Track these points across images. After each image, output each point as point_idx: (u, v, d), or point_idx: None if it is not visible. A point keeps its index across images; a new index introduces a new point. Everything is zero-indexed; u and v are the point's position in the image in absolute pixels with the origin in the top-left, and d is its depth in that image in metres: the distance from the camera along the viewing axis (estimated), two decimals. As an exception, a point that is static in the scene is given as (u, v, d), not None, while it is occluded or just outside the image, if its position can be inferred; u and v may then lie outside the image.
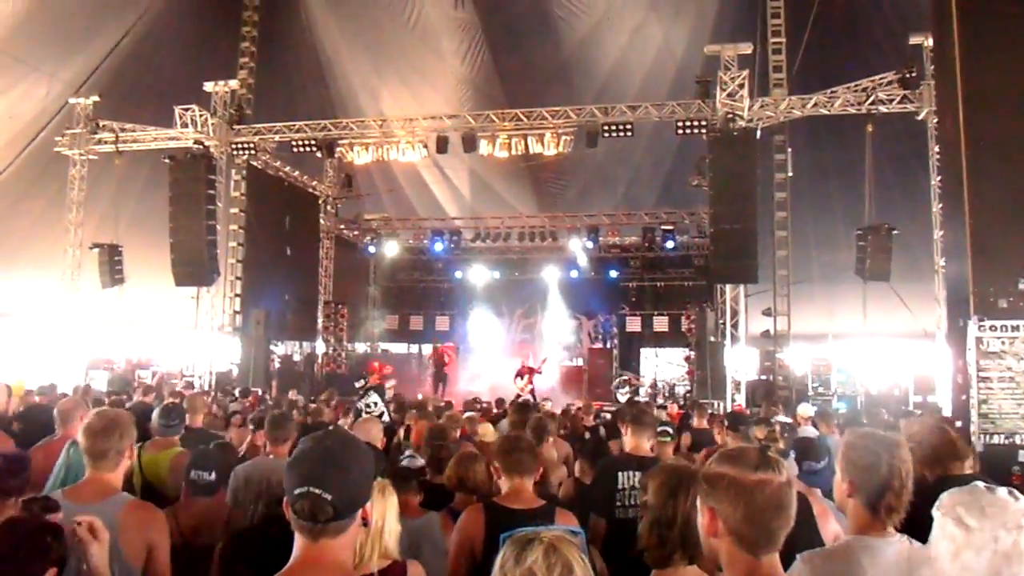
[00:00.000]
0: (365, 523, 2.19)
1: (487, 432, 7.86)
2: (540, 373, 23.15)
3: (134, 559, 3.31)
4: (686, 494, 2.71)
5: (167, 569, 3.46)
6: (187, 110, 19.63)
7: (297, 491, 2.07)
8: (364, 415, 8.16)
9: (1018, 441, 8.12)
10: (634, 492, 4.80)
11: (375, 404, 8.91)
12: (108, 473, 3.48)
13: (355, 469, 2.14)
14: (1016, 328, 9.29)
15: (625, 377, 23.79)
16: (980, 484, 2.15)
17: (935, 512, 2.05)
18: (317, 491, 2.04)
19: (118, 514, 3.32)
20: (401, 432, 8.43)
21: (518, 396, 19.74)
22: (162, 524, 3.47)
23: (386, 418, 8.75)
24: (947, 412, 11.49)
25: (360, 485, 2.16)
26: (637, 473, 4.85)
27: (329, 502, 2.04)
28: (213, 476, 4.79)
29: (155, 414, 6.20)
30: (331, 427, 5.52)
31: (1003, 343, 9.31)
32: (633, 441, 5.23)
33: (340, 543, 2.13)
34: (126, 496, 3.50)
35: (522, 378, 22.47)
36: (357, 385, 15.26)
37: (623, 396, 22.19)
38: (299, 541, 2.13)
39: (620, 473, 4.97)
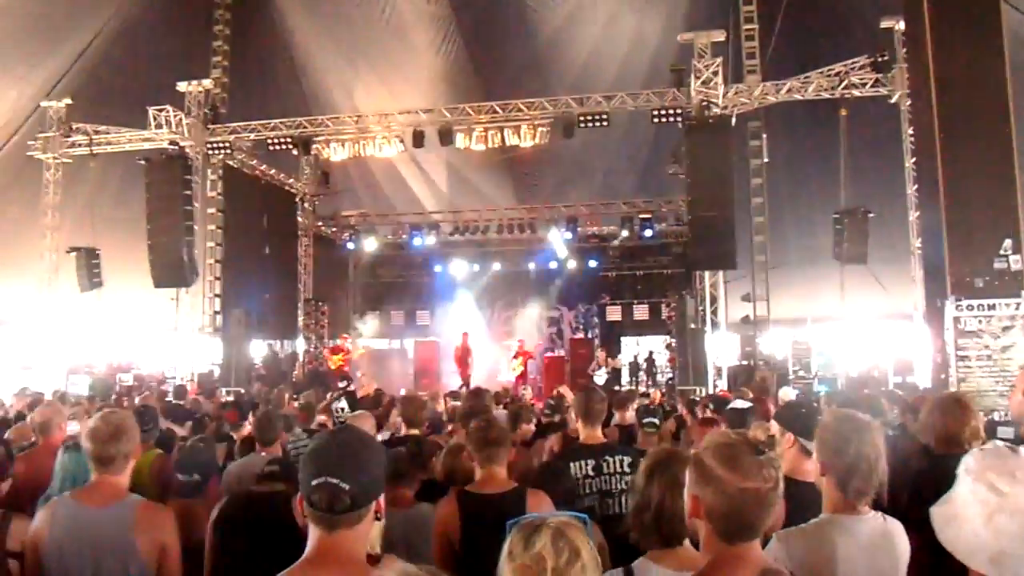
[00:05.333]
0: (378, 517, 2.23)
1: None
2: (533, 358, 23.44)
3: (150, 559, 3.37)
4: (660, 480, 2.76)
5: (179, 568, 3.52)
6: (161, 111, 19.49)
7: (315, 482, 2.10)
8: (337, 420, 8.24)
9: (997, 418, 8.21)
10: (588, 480, 4.84)
11: (342, 411, 8.87)
12: (116, 476, 3.51)
13: (371, 461, 2.20)
14: (992, 307, 9.43)
15: (599, 359, 23.82)
16: (1001, 445, 2.20)
17: (963, 475, 2.09)
18: (335, 481, 2.08)
19: (132, 516, 3.39)
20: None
21: (506, 391, 19.79)
22: (173, 524, 3.52)
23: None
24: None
25: (375, 476, 2.20)
26: (591, 461, 4.89)
27: (347, 492, 2.08)
28: (197, 476, 4.85)
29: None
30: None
31: (980, 322, 9.45)
32: (585, 431, 5.25)
33: (355, 534, 2.16)
34: (137, 498, 3.53)
35: (518, 359, 22.68)
36: (341, 385, 15.21)
37: (601, 378, 22.26)
38: (314, 533, 2.16)
39: (572, 464, 4.99)
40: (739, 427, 5.41)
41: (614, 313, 26.82)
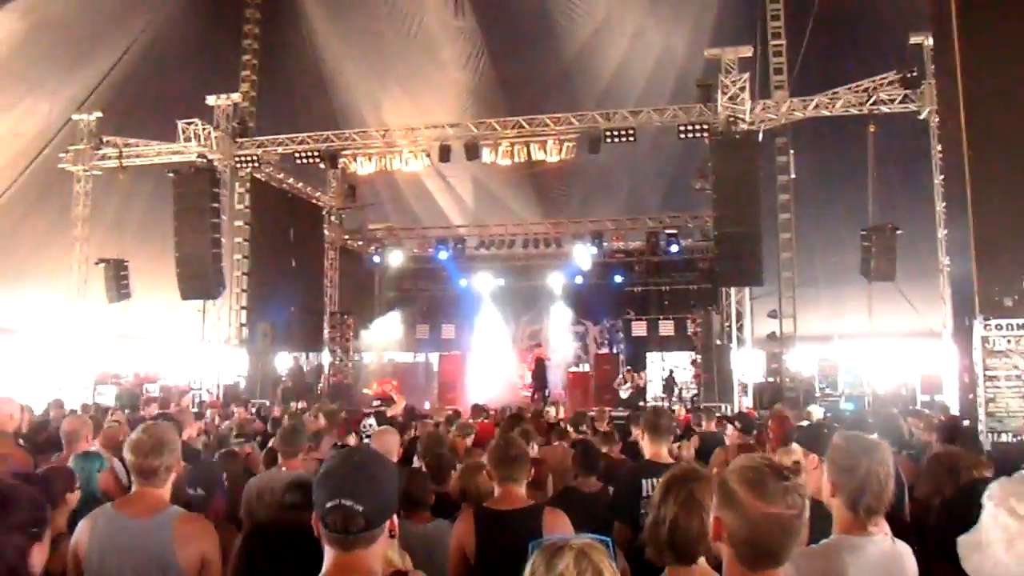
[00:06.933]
0: (392, 535, 2.24)
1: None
2: (547, 359, 23.57)
3: (191, 571, 3.39)
4: (676, 496, 2.73)
5: None
6: (190, 124, 19.68)
7: (329, 504, 2.12)
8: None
9: (1026, 439, 8.11)
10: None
11: (370, 426, 9.03)
12: (158, 488, 3.54)
13: (384, 480, 2.21)
14: (1022, 326, 9.28)
15: (625, 373, 23.62)
16: None
17: (986, 501, 2.08)
18: (348, 503, 2.10)
19: (173, 527, 3.41)
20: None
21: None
22: (214, 536, 3.54)
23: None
24: (954, 411, 11.45)
25: (389, 496, 2.22)
26: (657, 480, 4.87)
27: (361, 513, 2.10)
28: (202, 491, 4.87)
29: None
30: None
31: (1009, 342, 9.31)
32: (652, 448, 5.27)
33: (371, 553, 2.18)
34: (177, 509, 3.56)
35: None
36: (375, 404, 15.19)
37: (625, 393, 22.11)
38: (330, 552, 2.18)
39: (644, 480, 4.97)
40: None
41: (639, 328, 26.62)
